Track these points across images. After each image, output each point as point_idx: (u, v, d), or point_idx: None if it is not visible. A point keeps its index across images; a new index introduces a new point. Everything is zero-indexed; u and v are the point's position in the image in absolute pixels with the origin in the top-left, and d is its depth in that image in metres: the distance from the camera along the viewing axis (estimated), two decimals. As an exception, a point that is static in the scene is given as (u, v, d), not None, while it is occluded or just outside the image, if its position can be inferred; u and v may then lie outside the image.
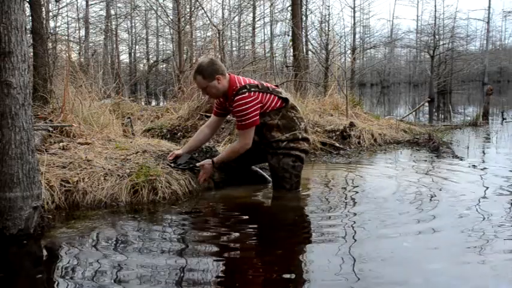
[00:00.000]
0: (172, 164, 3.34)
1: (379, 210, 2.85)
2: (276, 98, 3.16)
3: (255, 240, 2.49)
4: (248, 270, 2.06)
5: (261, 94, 3.10)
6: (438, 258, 2.10)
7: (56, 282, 1.93)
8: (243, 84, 3.11)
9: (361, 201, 3.10)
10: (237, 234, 2.61)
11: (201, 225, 2.76)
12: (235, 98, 3.08)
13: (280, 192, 3.24)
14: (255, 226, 2.70)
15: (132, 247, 2.29)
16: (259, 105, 3.09)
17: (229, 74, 3.19)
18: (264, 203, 3.26)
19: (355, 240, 2.33)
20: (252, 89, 3.09)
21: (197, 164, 3.31)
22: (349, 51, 18.11)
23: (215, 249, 2.34)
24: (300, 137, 3.22)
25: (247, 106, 3.05)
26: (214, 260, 2.15)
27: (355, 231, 2.47)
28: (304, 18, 13.37)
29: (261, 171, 3.57)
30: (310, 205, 3.09)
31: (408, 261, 2.10)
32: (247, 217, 2.87)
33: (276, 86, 3.35)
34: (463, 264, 2.06)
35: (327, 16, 17.45)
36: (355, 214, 2.81)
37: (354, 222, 2.64)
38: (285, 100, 3.19)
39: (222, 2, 17.51)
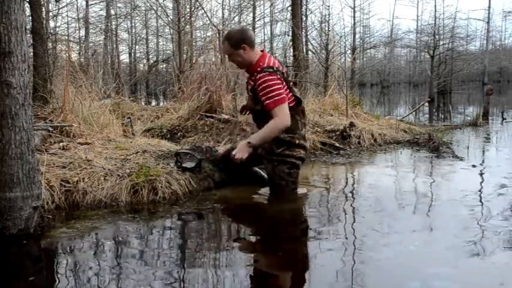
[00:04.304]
0: (182, 167, 3.32)
1: (378, 211, 2.86)
2: (293, 97, 3.11)
3: (255, 241, 2.49)
4: (248, 271, 2.06)
5: (284, 83, 3.04)
6: (437, 261, 2.10)
7: (56, 283, 1.94)
8: (271, 65, 3.03)
9: (360, 202, 3.10)
10: (236, 234, 2.61)
11: (200, 226, 2.76)
12: (259, 76, 2.98)
13: (279, 193, 3.24)
14: (255, 227, 2.70)
15: (131, 247, 2.30)
16: (284, 90, 2.99)
17: (262, 51, 3.13)
18: (264, 203, 3.25)
19: (354, 242, 2.33)
20: (278, 73, 3.00)
21: (231, 155, 3.09)
22: (349, 51, 18.11)
23: (215, 249, 2.34)
24: (297, 142, 3.16)
25: (272, 83, 2.94)
26: (213, 260, 2.15)
27: (354, 233, 2.47)
28: (304, 18, 13.37)
29: (261, 171, 3.56)
30: (309, 206, 3.09)
31: (407, 264, 2.09)
32: (246, 217, 2.87)
33: (294, 84, 3.28)
34: (463, 268, 2.05)
35: (327, 16, 17.45)
36: (354, 215, 2.81)
37: (353, 223, 2.64)
38: (299, 101, 3.15)
39: (222, 2, 17.51)
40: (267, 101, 2.96)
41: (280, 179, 3.18)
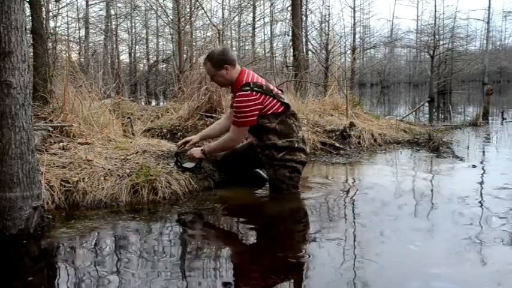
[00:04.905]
0: (182, 167, 3.33)
1: (378, 212, 2.85)
2: (279, 103, 3.13)
3: (255, 241, 2.49)
4: (248, 271, 2.06)
5: (263, 96, 3.07)
6: (438, 262, 2.09)
7: (56, 283, 1.94)
8: (249, 80, 3.09)
9: (360, 202, 3.10)
10: (236, 234, 2.62)
11: (200, 226, 2.76)
12: (237, 94, 3.08)
13: (279, 194, 3.24)
14: (255, 227, 2.70)
15: (132, 247, 2.29)
16: (258, 107, 3.07)
17: (241, 68, 3.21)
18: (264, 204, 3.25)
19: (355, 243, 2.33)
20: (255, 89, 3.05)
21: (187, 153, 3.35)
22: (349, 51, 18.08)
23: (215, 249, 2.34)
24: (296, 145, 3.18)
25: (246, 104, 3.04)
26: (213, 260, 2.15)
27: (354, 233, 2.47)
28: (304, 18, 13.38)
29: (261, 172, 3.56)
30: (309, 206, 3.08)
31: (407, 265, 2.09)
32: (246, 218, 2.87)
33: (281, 90, 3.32)
34: (463, 268, 2.05)
35: (327, 16, 17.43)
36: (354, 215, 2.81)
37: (354, 223, 2.64)
38: (287, 106, 3.17)
39: (222, 2, 17.53)
40: (234, 118, 3.15)
41: (281, 183, 3.20)
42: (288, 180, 3.20)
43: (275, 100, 3.12)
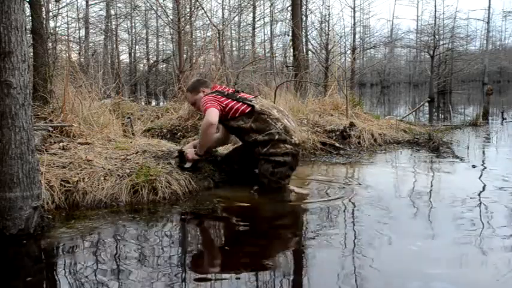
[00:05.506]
0: (181, 167, 3.34)
1: (378, 212, 2.85)
2: (244, 105, 3.28)
3: (254, 241, 2.49)
4: (247, 271, 2.06)
5: (223, 98, 3.27)
6: (438, 262, 2.09)
7: (56, 283, 1.94)
8: (212, 91, 3.38)
9: (360, 203, 3.10)
10: (236, 234, 2.61)
11: (200, 225, 2.76)
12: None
13: (280, 194, 3.24)
14: (254, 227, 2.70)
15: (132, 247, 2.29)
16: (216, 102, 3.22)
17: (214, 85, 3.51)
18: (264, 203, 3.25)
19: (354, 242, 2.33)
20: (215, 93, 3.33)
21: (184, 150, 3.41)
22: (349, 51, 18.05)
23: (214, 249, 2.34)
24: (277, 137, 3.24)
25: (206, 99, 3.26)
26: (214, 260, 2.15)
27: (354, 233, 2.47)
28: (304, 18, 13.36)
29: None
30: (309, 206, 3.09)
31: (407, 265, 2.09)
32: (246, 217, 2.87)
33: (255, 96, 3.45)
34: (463, 269, 2.06)
35: (327, 16, 17.39)
36: (354, 215, 2.81)
37: (354, 224, 2.64)
38: (253, 107, 3.27)
39: (222, 2, 17.51)
40: (202, 112, 3.28)
41: (263, 177, 3.29)
42: (269, 175, 3.25)
43: (240, 103, 3.28)
